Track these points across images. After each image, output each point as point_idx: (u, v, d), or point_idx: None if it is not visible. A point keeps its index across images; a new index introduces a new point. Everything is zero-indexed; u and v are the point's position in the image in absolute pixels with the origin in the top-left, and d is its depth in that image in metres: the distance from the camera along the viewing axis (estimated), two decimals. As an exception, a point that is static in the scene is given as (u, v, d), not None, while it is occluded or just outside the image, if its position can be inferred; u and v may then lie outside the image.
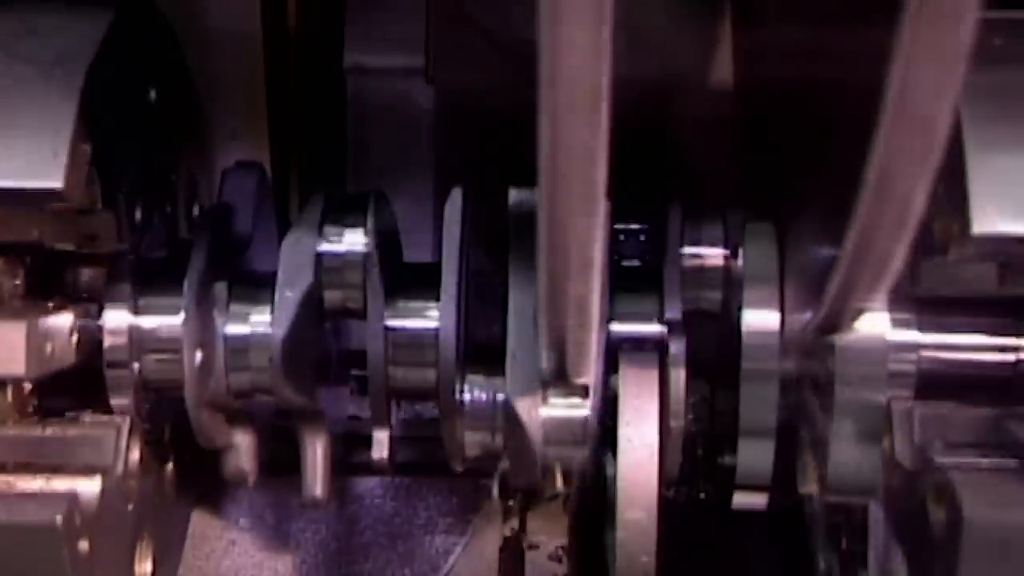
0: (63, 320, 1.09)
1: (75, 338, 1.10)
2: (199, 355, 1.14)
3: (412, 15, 1.49)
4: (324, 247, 1.16)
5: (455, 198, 1.15)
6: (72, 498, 1.03)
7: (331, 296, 1.17)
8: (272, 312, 1.14)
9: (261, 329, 1.15)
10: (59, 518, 1.01)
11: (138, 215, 1.14)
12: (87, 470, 1.07)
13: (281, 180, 1.49)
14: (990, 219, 0.95)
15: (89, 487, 1.05)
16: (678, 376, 1.14)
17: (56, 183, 1.00)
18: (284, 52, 1.47)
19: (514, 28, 1.39)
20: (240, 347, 1.16)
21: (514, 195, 1.13)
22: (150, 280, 1.15)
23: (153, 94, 1.20)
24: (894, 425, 1.06)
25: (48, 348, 1.06)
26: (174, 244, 1.25)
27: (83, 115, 1.02)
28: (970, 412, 1.06)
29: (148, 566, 1.19)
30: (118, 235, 1.11)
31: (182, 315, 1.13)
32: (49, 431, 1.09)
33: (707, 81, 1.45)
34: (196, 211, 1.30)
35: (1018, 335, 1.09)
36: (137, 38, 1.16)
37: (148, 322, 1.14)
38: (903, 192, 0.76)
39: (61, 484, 1.05)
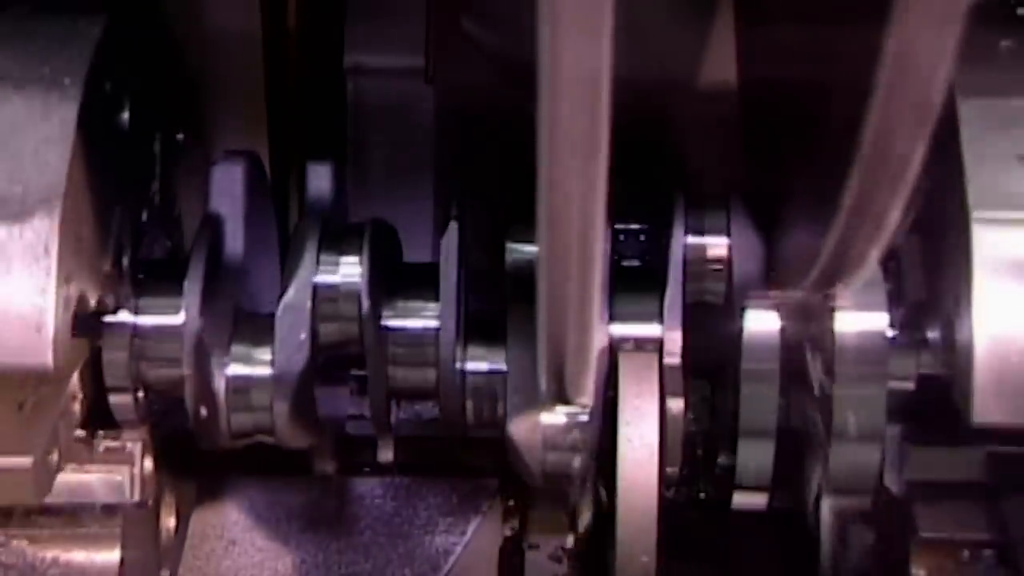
0: (69, 425, 1.05)
1: (79, 401, 1.07)
2: (204, 410, 1.13)
3: (412, 15, 1.48)
4: (320, 279, 1.15)
5: (451, 236, 1.15)
6: None
7: (327, 329, 1.16)
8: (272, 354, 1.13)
9: (262, 374, 1.14)
10: None
11: (126, 255, 1.13)
12: (105, 522, 1.07)
13: (281, 180, 1.49)
14: (991, 409, 0.95)
15: (109, 558, 1.06)
16: (678, 376, 1.14)
17: (45, 360, 0.97)
18: (284, 52, 1.47)
19: (513, 44, 1.39)
20: (241, 388, 1.14)
21: (511, 250, 1.14)
22: (150, 289, 1.14)
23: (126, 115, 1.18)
24: (886, 456, 1.07)
25: (55, 457, 1.03)
26: (174, 246, 1.25)
27: (64, 255, 0.98)
28: (961, 454, 1.06)
29: (172, 521, 1.21)
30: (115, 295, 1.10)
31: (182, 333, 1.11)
32: (65, 475, 1.07)
33: (708, 81, 1.45)
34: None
35: None
36: (127, 58, 1.15)
37: (148, 341, 1.12)
38: (902, 142, 0.77)
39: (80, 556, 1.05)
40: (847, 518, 1.14)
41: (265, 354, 1.13)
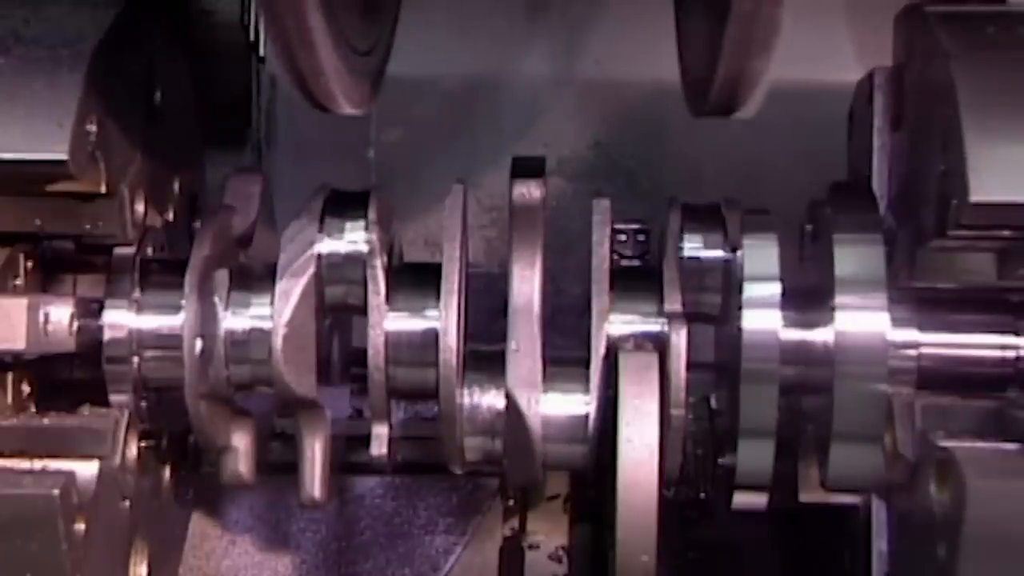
0: (64, 306, 1.09)
1: (75, 326, 1.09)
2: (199, 344, 1.13)
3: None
4: (325, 245, 1.15)
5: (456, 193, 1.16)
6: (70, 476, 1.04)
7: (332, 292, 1.16)
8: (272, 303, 1.13)
9: (262, 320, 1.14)
10: (56, 492, 1.01)
11: (139, 209, 1.14)
12: (85, 456, 1.07)
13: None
14: (988, 187, 0.95)
15: (87, 469, 1.07)
16: (678, 376, 1.14)
17: (61, 154, 1.01)
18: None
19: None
20: (241, 339, 1.15)
21: (517, 186, 1.14)
22: (151, 278, 1.15)
23: (159, 95, 1.20)
24: (895, 417, 1.07)
25: (49, 327, 1.07)
26: (175, 249, 1.25)
27: (89, 93, 1.04)
28: (971, 403, 1.07)
29: (143, 569, 1.19)
30: (120, 227, 1.11)
31: (182, 312, 1.12)
32: (47, 421, 1.09)
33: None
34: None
35: (1017, 333, 1.10)
36: (143, 35, 1.17)
37: (149, 319, 1.14)
38: None
39: (59, 465, 1.06)
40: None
41: (265, 305, 1.15)
